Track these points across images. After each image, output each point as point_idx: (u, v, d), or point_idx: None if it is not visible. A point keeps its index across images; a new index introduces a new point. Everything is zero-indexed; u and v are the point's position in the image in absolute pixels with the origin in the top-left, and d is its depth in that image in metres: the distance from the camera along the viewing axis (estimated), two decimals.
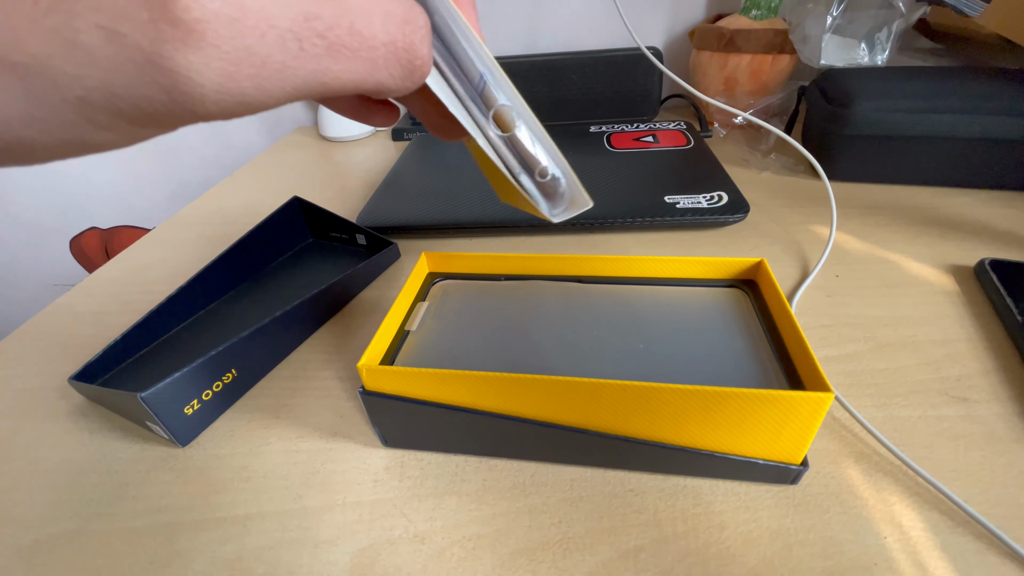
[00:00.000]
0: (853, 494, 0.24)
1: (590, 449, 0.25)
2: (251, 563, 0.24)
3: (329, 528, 0.25)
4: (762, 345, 0.26)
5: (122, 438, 0.31)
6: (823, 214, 0.45)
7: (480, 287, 0.32)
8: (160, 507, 0.27)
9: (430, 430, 0.27)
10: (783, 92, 0.58)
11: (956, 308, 0.34)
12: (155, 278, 0.45)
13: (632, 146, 0.54)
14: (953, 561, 0.22)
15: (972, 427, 0.27)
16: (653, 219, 0.43)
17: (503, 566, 0.23)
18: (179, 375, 0.28)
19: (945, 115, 0.44)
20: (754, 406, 0.21)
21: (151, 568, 0.24)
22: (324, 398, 0.32)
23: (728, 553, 0.22)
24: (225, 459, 0.29)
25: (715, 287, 0.30)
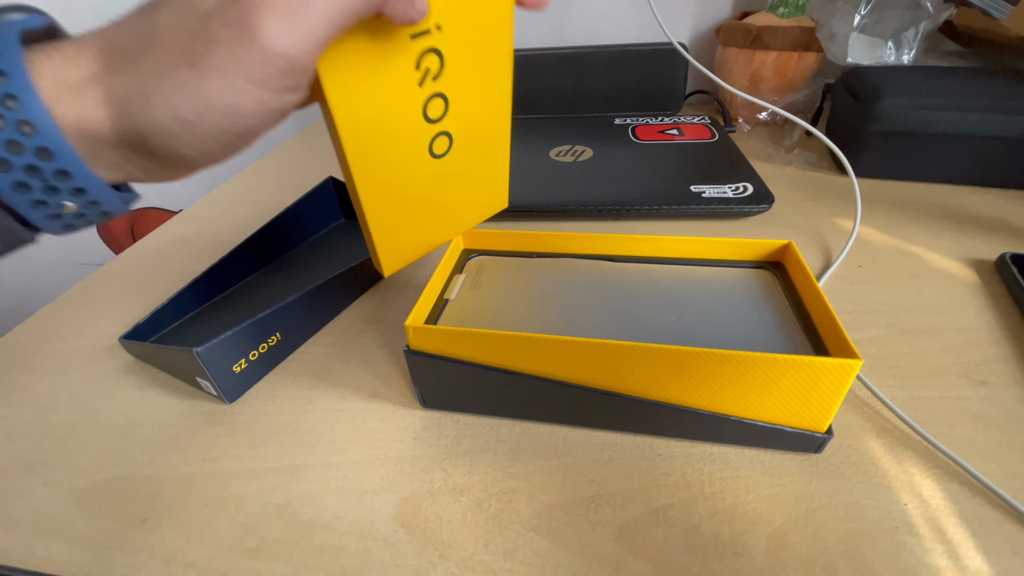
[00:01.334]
0: (875, 465, 0.25)
1: (622, 413, 0.27)
2: (300, 508, 0.25)
3: (372, 479, 0.26)
4: (790, 320, 0.27)
5: (171, 394, 0.32)
6: (846, 208, 0.46)
7: (514, 263, 0.34)
8: (211, 457, 0.28)
9: (468, 391, 0.28)
10: (808, 89, 0.59)
11: (977, 299, 0.35)
12: (192, 251, 0.47)
13: (657, 138, 0.55)
14: (971, 527, 0.23)
15: (991, 408, 0.28)
16: (679, 207, 0.44)
17: (539, 517, 0.24)
18: (231, 333, 0.29)
19: (970, 113, 0.45)
20: (784, 371, 0.23)
21: (205, 510, 0.26)
22: (364, 363, 0.33)
23: (754, 513, 0.24)
24: (271, 415, 0.30)
25: (744, 268, 0.31)
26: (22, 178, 0.16)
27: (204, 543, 0.24)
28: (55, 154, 0.16)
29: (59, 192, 0.17)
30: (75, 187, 0.17)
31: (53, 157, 0.16)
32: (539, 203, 0.46)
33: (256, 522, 0.25)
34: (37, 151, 0.16)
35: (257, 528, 0.25)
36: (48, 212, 0.17)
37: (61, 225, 0.18)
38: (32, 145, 0.15)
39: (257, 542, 0.24)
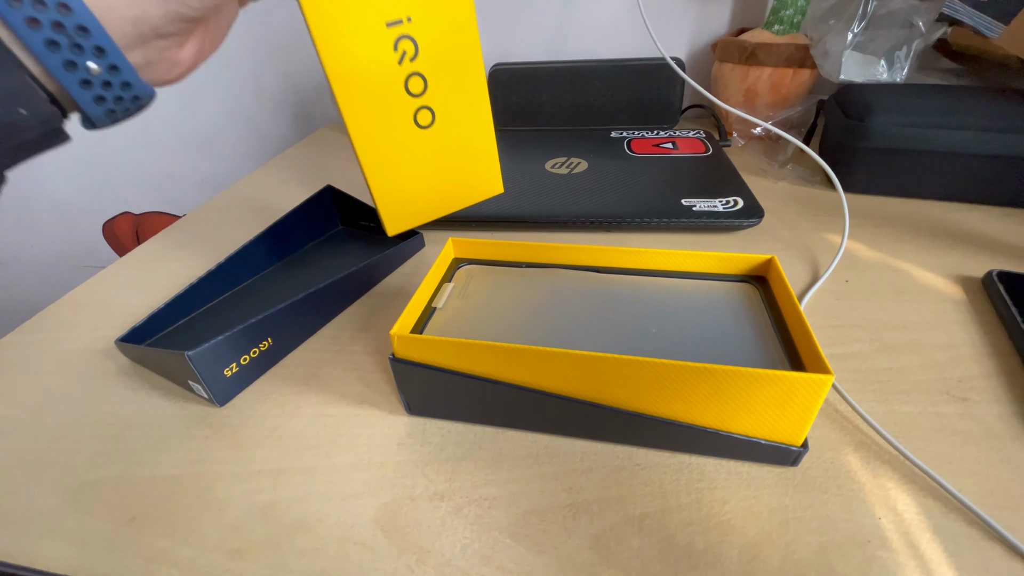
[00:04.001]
0: (851, 478, 0.26)
1: (601, 423, 0.27)
2: (283, 511, 0.26)
3: (355, 484, 0.27)
4: (769, 335, 0.27)
5: (164, 396, 0.33)
6: (836, 223, 0.46)
7: (502, 272, 0.34)
8: (199, 459, 0.29)
9: (452, 399, 0.29)
10: (802, 105, 0.60)
11: (962, 315, 0.35)
12: (191, 255, 0.48)
13: (652, 151, 0.56)
14: (944, 543, 0.23)
15: (971, 424, 0.28)
16: (669, 220, 0.44)
17: (516, 524, 0.24)
18: (222, 338, 0.30)
19: (959, 131, 0.45)
20: (758, 385, 0.23)
21: (190, 512, 0.26)
22: (352, 370, 0.34)
23: (729, 524, 0.24)
24: (259, 419, 0.31)
25: (727, 281, 0.32)
26: (69, 55, 0.19)
27: (188, 543, 0.25)
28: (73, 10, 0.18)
29: (83, 51, 0.19)
30: (95, 45, 0.19)
31: (72, 12, 0.18)
32: (533, 214, 0.46)
33: (240, 524, 0.25)
34: (77, 29, 0.19)
35: (240, 530, 0.25)
36: (78, 76, 0.20)
37: (93, 96, 0.20)
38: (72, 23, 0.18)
39: (240, 543, 0.24)
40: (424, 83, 0.30)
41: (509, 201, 0.48)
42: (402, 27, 0.27)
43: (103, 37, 0.19)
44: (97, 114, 0.21)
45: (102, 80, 0.20)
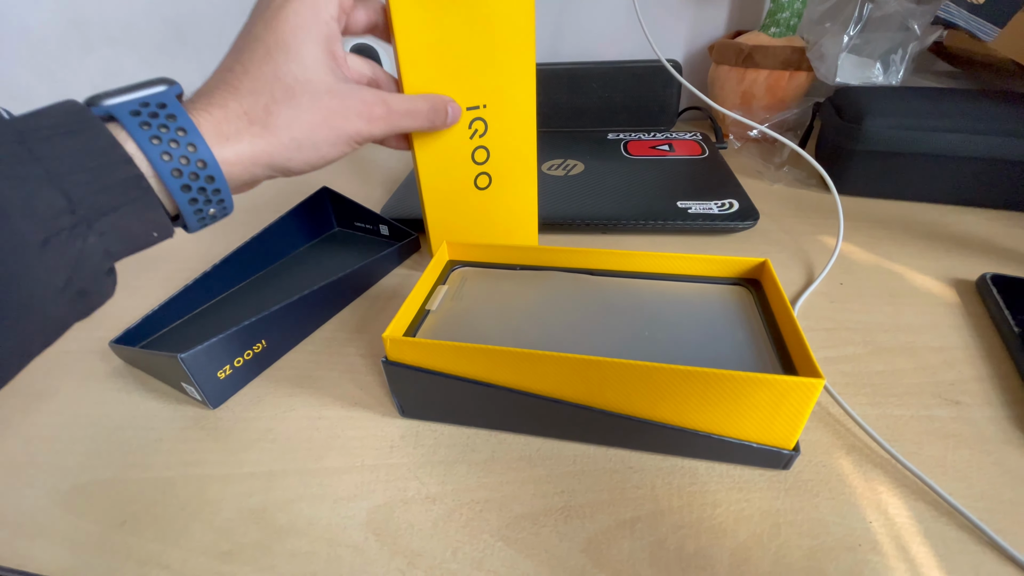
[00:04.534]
0: (842, 482, 0.26)
1: (593, 426, 0.27)
2: (275, 513, 0.26)
3: (348, 486, 0.27)
4: (761, 338, 0.27)
5: (157, 399, 0.33)
6: (831, 226, 0.46)
7: (497, 275, 0.34)
8: (192, 461, 0.29)
9: (445, 402, 0.29)
10: (798, 108, 0.60)
11: (956, 319, 0.35)
12: (185, 257, 0.48)
13: (648, 153, 0.56)
14: (935, 547, 0.23)
15: (962, 428, 0.28)
16: (665, 222, 0.44)
17: (508, 527, 0.24)
18: (216, 340, 0.30)
19: (954, 134, 0.45)
20: (749, 389, 0.23)
21: (182, 514, 0.26)
22: (346, 372, 0.34)
23: (720, 528, 0.24)
24: (252, 422, 0.31)
25: (720, 284, 0.32)
26: (195, 195, 0.23)
27: (180, 546, 0.25)
28: (215, 179, 0.23)
29: (211, 203, 0.24)
30: (220, 199, 0.24)
31: (214, 181, 0.23)
32: None
33: (231, 526, 0.25)
34: (207, 178, 0.23)
35: (232, 532, 0.25)
36: (200, 216, 0.24)
37: (202, 224, 0.25)
38: (204, 174, 0.23)
39: (231, 546, 0.24)
40: (487, 154, 0.36)
41: None
42: (478, 112, 0.34)
43: (224, 189, 0.24)
44: (196, 227, 0.25)
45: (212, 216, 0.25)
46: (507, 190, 0.38)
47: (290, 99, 0.25)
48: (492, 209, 0.39)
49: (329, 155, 0.27)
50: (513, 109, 0.35)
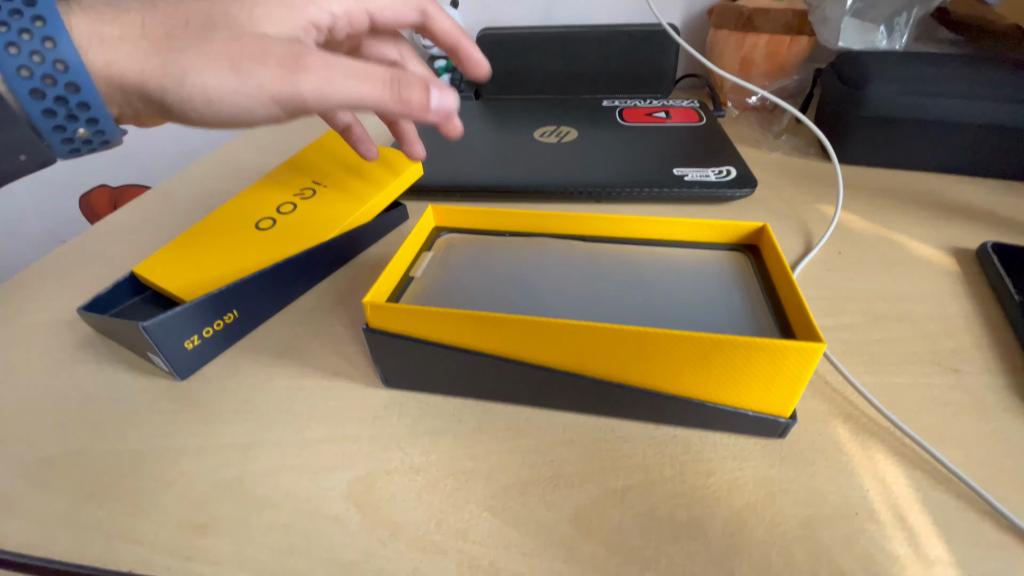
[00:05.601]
0: (839, 450, 0.25)
1: (584, 395, 0.26)
2: (251, 486, 0.25)
3: (328, 458, 0.26)
4: (759, 304, 0.26)
5: (129, 370, 0.31)
6: (830, 194, 0.45)
7: (485, 241, 0.33)
8: (165, 433, 0.27)
9: (430, 371, 0.27)
10: (799, 75, 0.58)
11: (955, 287, 0.34)
12: (164, 225, 0.46)
13: (644, 120, 0.54)
14: (933, 515, 0.22)
15: (962, 396, 0.27)
16: (660, 190, 0.43)
17: (494, 497, 0.23)
18: (180, 309, 0.28)
19: (958, 100, 0.44)
20: (747, 354, 0.22)
21: (155, 487, 0.25)
22: (328, 342, 0.32)
23: (713, 497, 0.23)
24: (229, 392, 0.29)
25: (717, 250, 0.31)
26: (51, 106, 0.19)
27: (151, 519, 0.24)
28: (81, 88, 0.19)
29: (77, 120, 0.20)
30: (90, 117, 0.20)
31: (79, 91, 0.19)
32: (520, 183, 0.45)
33: (206, 499, 0.24)
34: (67, 85, 0.19)
35: (206, 505, 0.24)
36: (64, 136, 0.20)
37: (70, 148, 0.21)
38: (63, 80, 0.19)
39: (205, 519, 0.23)
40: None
41: (496, 170, 0.47)
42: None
43: (96, 104, 0.20)
44: (61, 151, 0.21)
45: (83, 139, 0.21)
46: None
47: (206, 30, 0.20)
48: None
49: (240, 108, 0.21)
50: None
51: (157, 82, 0.20)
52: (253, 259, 0.34)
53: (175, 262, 0.35)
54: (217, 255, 0.35)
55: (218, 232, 0.37)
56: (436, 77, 0.27)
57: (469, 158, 0.49)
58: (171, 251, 0.36)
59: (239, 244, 0.36)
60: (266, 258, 0.34)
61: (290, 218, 0.38)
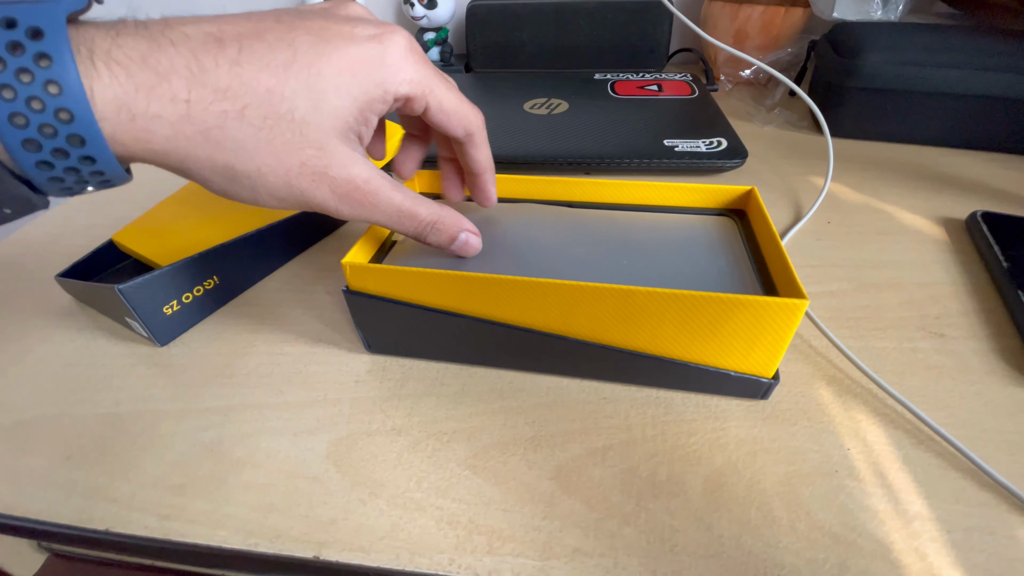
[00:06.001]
0: (821, 411, 0.25)
1: (567, 357, 0.26)
2: (231, 447, 0.24)
3: (309, 420, 0.25)
4: (744, 266, 0.26)
5: (108, 336, 0.31)
6: (821, 167, 0.45)
7: (470, 207, 0.32)
8: (143, 397, 0.27)
9: (412, 335, 0.27)
10: (793, 48, 0.57)
11: (944, 255, 0.34)
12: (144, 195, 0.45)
13: (636, 93, 0.54)
14: (914, 473, 0.22)
15: (946, 360, 0.27)
16: (651, 161, 0.42)
17: (475, 457, 0.23)
18: (157, 273, 0.28)
19: (954, 70, 0.43)
20: (729, 312, 0.22)
21: (132, 449, 0.25)
22: (311, 309, 0.32)
23: (694, 456, 0.23)
24: (209, 358, 0.29)
25: (705, 215, 0.30)
26: (49, 159, 0.16)
27: (128, 480, 0.23)
28: (87, 142, 0.16)
29: (81, 175, 0.17)
30: (95, 171, 0.18)
31: (84, 146, 0.16)
32: (509, 154, 0.44)
33: (184, 460, 0.24)
34: (71, 138, 0.16)
35: (184, 466, 0.24)
36: (62, 186, 0.18)
37: (60, 189, 0.18)
38: (66, 131, 0.16)
39: (183, 480, 0.23)
40: None
41: None
42: None
43: (105, 158, 0.17)
44: (54, 194, 0.18)
45: (81, 185, 0.18)
46: None
47: (267, 126, 0.18)
48: None
49: (265, 203, 0.21)
50: None
51: (198, 172, 0.19)
52: (235, 225, 0.34)
53: (155, 229, 0.35)
54: (198, 222, 0.35)
55: (200, 198, 0.37)
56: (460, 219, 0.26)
57: None
58: (151, 218, 0.35)
59: (221, 210, 0.35)
60: (249, 224, 0.33)
61: None
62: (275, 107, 0.18)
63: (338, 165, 0.20)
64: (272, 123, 0.19)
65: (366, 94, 0.20)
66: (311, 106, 0.19)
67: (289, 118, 0.19)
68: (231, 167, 0.19)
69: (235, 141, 0.18)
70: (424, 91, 0.22)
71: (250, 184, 0.20)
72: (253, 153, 0.19)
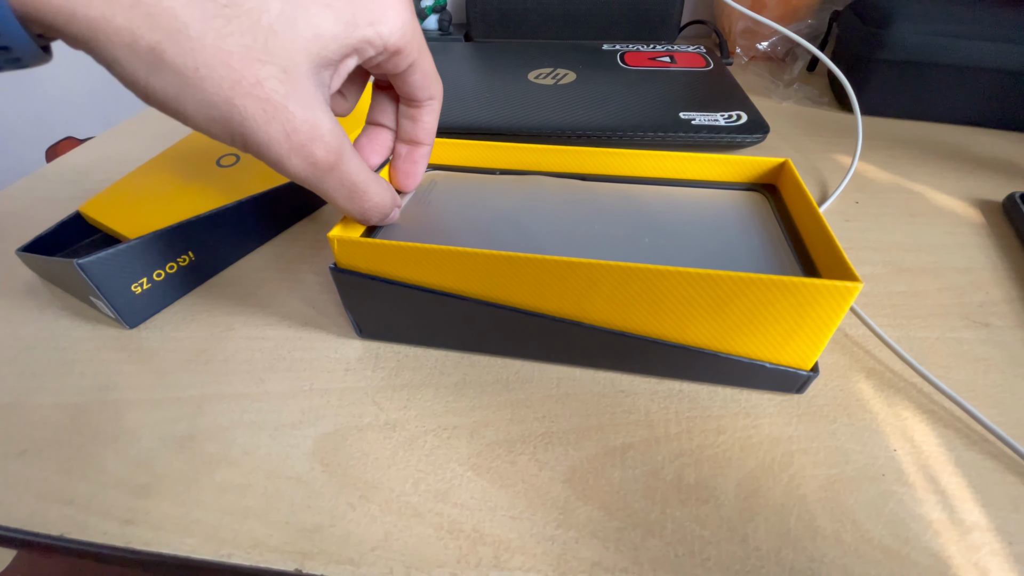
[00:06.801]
0: (862, 407, 0.22)
1: (581, 345, 0.23)
2: (204, 442, 0.22)
3: (292, 412, 0.23)
4: (781, 246, 0.23)
5: (73, 317, 0.28)
6: (845, 144, 0.42)
7: (472, 179, 0.29)
8: (108, 384, 0.24)
9: (408, 318, 0.24)
10: (814, 19, 0.54)
11: (981, 239, 0.32)
12: (120, 166, 0.41)
13: (647, 64, 0.50)
14: (968, 477, 0.20)
15: (993, 351, 0.25)
16: (666, 134, 0.39)
17: (479, 456, 0.21)
18: (123, 247, 0.25)
19: (987, 42, 0.40)
20: (771, 296, 0.19)
21: (94, 442, 0.22)
22: (296, 290, 0.29)
23: (724, 456, 0.21)
24: (183, 342, 0.26)
25: (732, 189, 0.27)
26: None
27: (87, 479, 0.21)
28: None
29: None
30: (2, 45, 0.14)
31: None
32: (513, 125, 0.41)
33: (151, 457, 0.21)
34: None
35: (151, 464, 0.21)
36: None
37: None
38: None
39: (149, 478, 0.21)
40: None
41: (486, 111, 0.43)
42: None
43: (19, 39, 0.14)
44: None
45: None
46: None
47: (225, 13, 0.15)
48: None
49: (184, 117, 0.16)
50: None
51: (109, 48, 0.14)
52: (213, 198, 0.30)
53: (126, 200, 0.31)
54: (173, 193, 0.31)
55: (175, 168, 0.33)
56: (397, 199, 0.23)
57: (456, 98, 0.44)
58: (121, 188, 0.32)
59: (198, 181, 0.32)
60: (227, 197, 0.30)
61: None
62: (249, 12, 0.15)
63: (301, 101, 0.16)
64: (232, 14, 0.15)
65: (355, 28, 0.17)
66: (286, 16, 0.15)
67: (255, 17, 0.15)
68: (159, 53, 0.14)
69: (175, 20, 0.14)
70: (416, 46, 0.19)
71: (177, 84, 0.15)
72: (196, 44, 0.14)
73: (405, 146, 0.24)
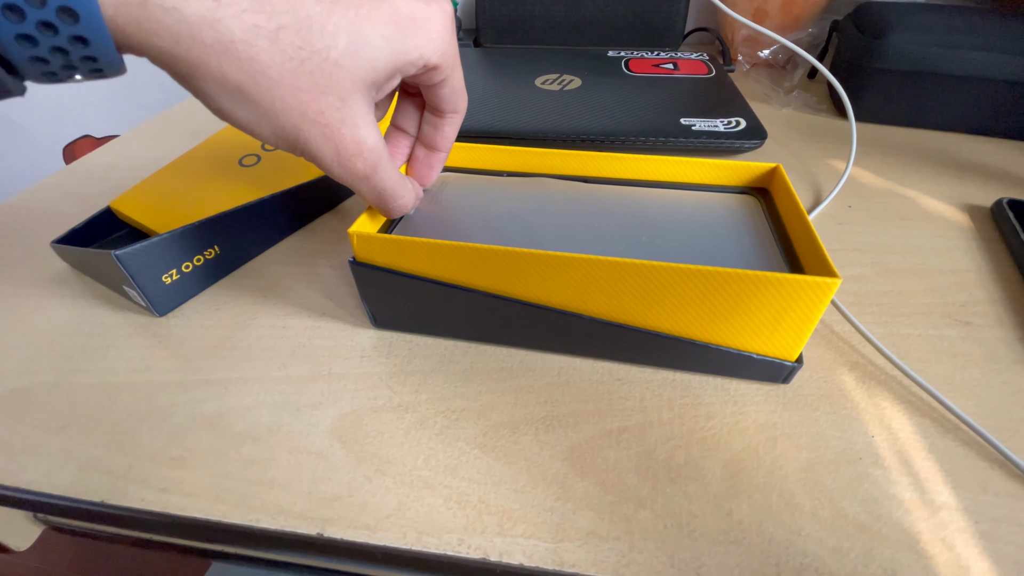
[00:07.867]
0: (844, 397, 0.24)
1: (581, 336, 0.25)
2: (231, 420, 0.24)
3: (312, 394, 0.24)
4: (769, 244, 0.25)
5: (106, 305, 0.30)
6: (841, 150, 0.43)
7: (481, 180, 0.31)
8: (141, 367, 0.26)
9: (420, 310, 0.26)
10: (814, 28, 0.55)
11: (968, 243, 0.33)
12: (143, 164, 0.43)
13: (651, 71, 0.52)
14: (940, 462, 0.21)
15: (972, 348, 0.26)
16: (667, 139, 0.41)
17: (485, 435, 0.22)
18: (157, 240, 0.27)
19: (980, 53, 0.42)
20: (756, 291, 0.21)
21: (129, 419, 0.24)
22: (315, 282, 0.31)
23: (712, 440, 0.22)
24: (210, 329, 0.28)
25: (726, 193, 0.29)
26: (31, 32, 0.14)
27: (125, 451, 0.23)
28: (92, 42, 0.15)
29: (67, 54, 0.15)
30: (87, 55, 0.15)
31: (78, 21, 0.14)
32: (519, 130, 0.43)
33: (183, 433, 0.23)
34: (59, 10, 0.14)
35: (183, 439, 0.23)
36: (44, 69, 0.16)
37: (42, 73, 0.16)
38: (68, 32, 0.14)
39: (182, 452, 0.22)
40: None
41: (494, 116, 0.44)
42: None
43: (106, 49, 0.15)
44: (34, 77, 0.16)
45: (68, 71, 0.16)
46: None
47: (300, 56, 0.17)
48: None
49: (258, 135, 0.19)
50: None
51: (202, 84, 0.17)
52: (236, 195, 0.32)
53: (153, 197, 0.33)
54: (197, 191, 0.33)
55: (199, 167, 0.35)
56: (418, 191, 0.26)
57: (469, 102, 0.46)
58: (149, 186, 0.34)
59: (221, 180, 0.34)
60: (249, 195, 0.32)
61: (276, 154, 0.36)
62: (312, 38, 0.17)
63: (352, 124, 0.19)
64: (305, 56, 0.17)
65: (404, 55, 0.19)
66: (351, 50, 0.18)
67: (324, 55, 0.17)
68: (244, 91, 0.17)
69: (258, 64, 0.16)
70: (451, 64, 0.21)
71: (257, 114, 0.18)
72: (274, 83, 0.17)
73: (424, 150, 0.26)
